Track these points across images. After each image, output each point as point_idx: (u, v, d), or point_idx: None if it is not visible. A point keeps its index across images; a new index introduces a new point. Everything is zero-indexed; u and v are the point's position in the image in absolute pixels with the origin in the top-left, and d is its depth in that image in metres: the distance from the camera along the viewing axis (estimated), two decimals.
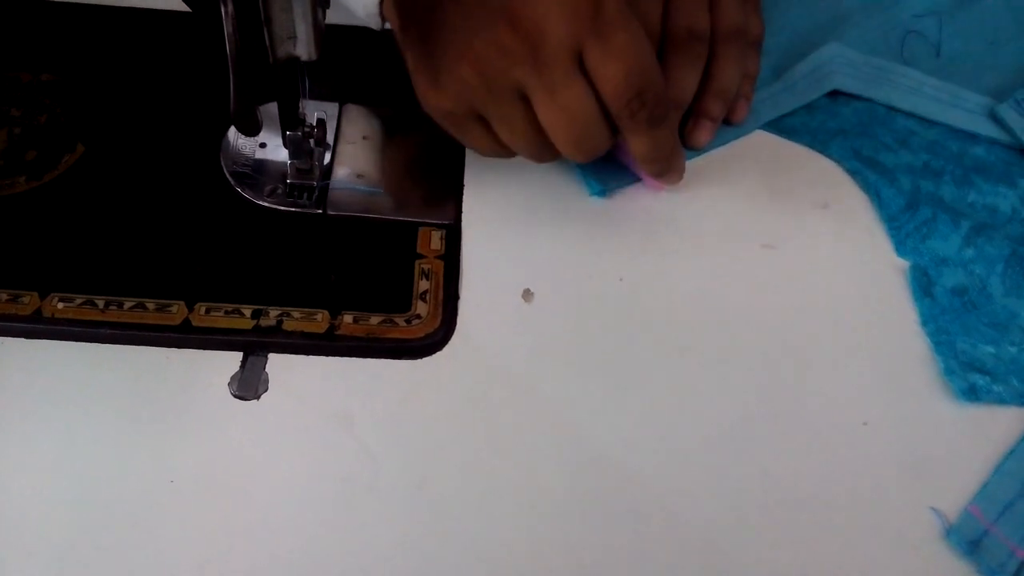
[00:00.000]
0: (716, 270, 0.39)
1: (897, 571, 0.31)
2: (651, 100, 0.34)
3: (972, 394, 0.36)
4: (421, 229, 0.39)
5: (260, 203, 0.39)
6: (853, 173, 0.44)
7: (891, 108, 0.47)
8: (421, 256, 0.38)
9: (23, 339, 0.33)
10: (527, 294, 0.38)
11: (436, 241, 0.39)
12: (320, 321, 0.35)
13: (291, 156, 0.39)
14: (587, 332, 0.37)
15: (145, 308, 0.34)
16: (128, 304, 0.34)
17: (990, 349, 0.38)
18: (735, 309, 0.38)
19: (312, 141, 0.39)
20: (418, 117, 0.44)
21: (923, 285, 0.40)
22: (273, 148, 0.40)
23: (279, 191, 0.39)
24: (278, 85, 0.36)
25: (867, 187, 0.44)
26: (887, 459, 0.34)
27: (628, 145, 0.37)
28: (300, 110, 0.37)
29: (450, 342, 0.36)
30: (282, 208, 0.39)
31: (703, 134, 0.43)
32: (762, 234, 0.41)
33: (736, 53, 0.43)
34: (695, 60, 0.41)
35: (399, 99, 0.44)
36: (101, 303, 0.34)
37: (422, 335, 0.35)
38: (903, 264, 0.41)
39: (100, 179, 0.39)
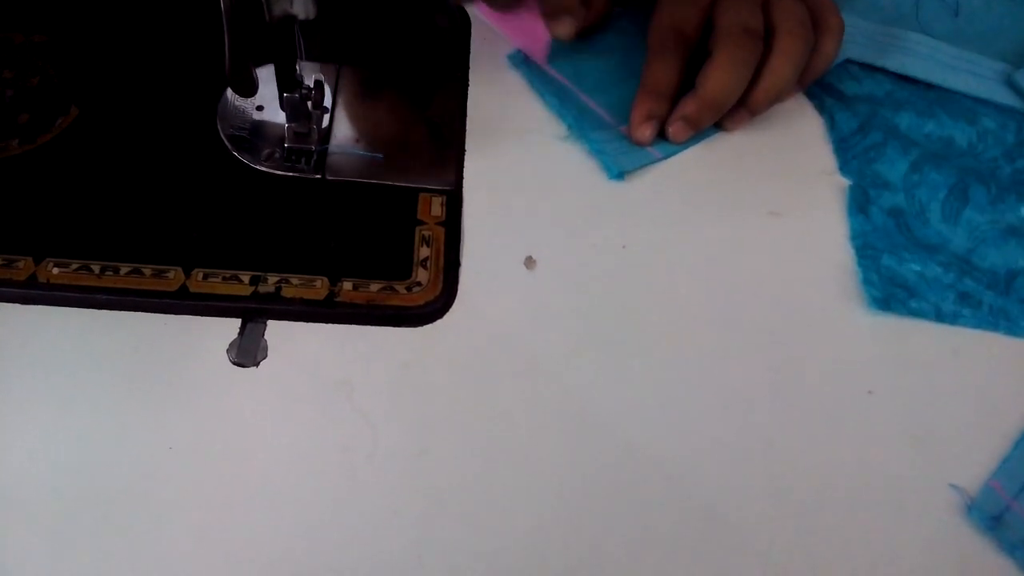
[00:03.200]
0: (721, 237, 0.39)
1: (910, 545, 0.31)
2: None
3: (884, 305, 0.36)
4: (422, 195, 0.39)
5: (257, 167, 0.38)
6: (809, 96, 0.45)
7: (904, 77, 0.46)
8: (421, 222, 0.38)
9: (18, 304, 0.33)
10: (529, 261, 0.37)
11: (437, 207, 0.38)
12: (319, 288, 0.35)
13: (289, 119, 0.38)
14: (589, 300, 0.36)
15: (142, 274, 0.34)
16: (124, 270, 0.34)
17: (915, 267, 0.38)
18: (740, 276, 0.38)
19: (310, 104, 0.38)
20: (419, 79, 0.43)
21: (859, 203, 0.40)
22: (270, 111, 0.40)
23: (277, 155, 0.39)
24: (274, 45, 0.35)
25: (822, 110, 0.44)
26: (895, 431, 0.34)
27: None
28: (297, 71, 0.36)
29: (451, 310, 0.35)
30: (280, 173, 0.38)
31: (679, 133, 0.42)
32: (768, 202, 0.40)
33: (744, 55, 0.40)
34: (744, 57, 0.40)
35: (399, 61, 0.44)
36: (97, 268, 0.34)
37: (422, 302, 0.35)
38: None
39: (94, 142, 0.38)
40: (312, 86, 0.38)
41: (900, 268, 0.38)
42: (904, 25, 0.48)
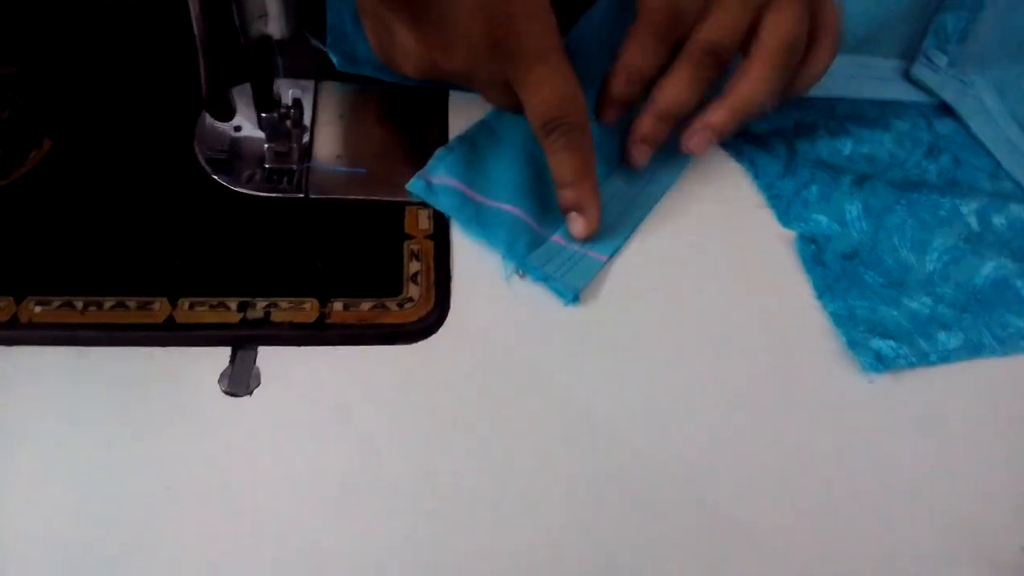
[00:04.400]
0: (713, 240, 0.39)
1: (922, 541, 0.31)
2: (567, 125, 0.35)
3: (879, 363, 0.35)
4: (408, 208, 0.38)
5: (238, 190, 0.37)
6: (725, 146, 0.43)
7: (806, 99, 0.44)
8: (410, 236, 0.37)
9: (1, 347, 0.32)
10: (519, 272, 0.37)
11: (424, 220, 0.38)
12: (309, 310, 0.34)
13: (268, 139, 0.37)
14: (584, 305, 0.36)
15: (126, 307, 0.33)
16: (108, 304, 0.33)
17: (891, 311, 0.37)
18: (731, 277, 0.38)
19: (289, 122, 0.38)
20: (399, 90, 0.42)
21: (812, 254, 0.39)
22: (249, 131, 0.39)
23: (257, 176, 0.38)
24: (251, 66, 0.34)
25: (740, 157, 0.42)
26: (902, 423, 0.34)
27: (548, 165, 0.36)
28: (275, 90, 0.35)
29: (445, 323, 0.35)
30: (262, 194, 0.37)
31: (638, 155, 0.40)
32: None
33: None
34: (696, 75, 0.38)
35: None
36: (80, 304, 0.33)
37: (415, 318, 0.34)
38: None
39: (70, 174, 0.37)
40: (291, 104, 0.37)
41: (876, 316, 0.37)
42: None
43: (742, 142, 0.43)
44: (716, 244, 0.39)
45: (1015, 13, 0.48)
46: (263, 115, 0.36)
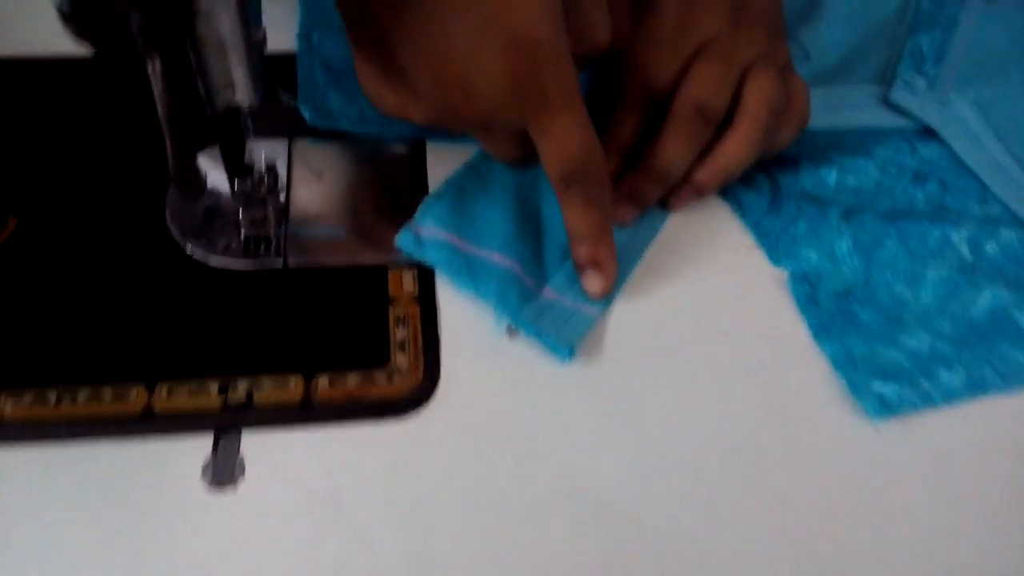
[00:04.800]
0: (706, 285, 0.38)
1: None
2: (588, 178, 0.34)
3: (883, 408, 0.34)
4: (392, 271, 0.37)
5: (214, 264, 0.36)
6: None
7: None
8: (394, 301, 0.36)
9: None
10: (511, 330, 0.35)
11: (409, 282, 0.37)
12: (293, 389, 0.33)
13: (243, 207, 0.36)
14: (578, 363, 0.35)
15: (101, 399, 0.31)
16: (82, 395, 0.31)
17: (890, 350, 0.36)
18: (727, 323, 0.37)
19: (264, 187, 0.36)
20: (375, 145, 0.41)
21: (806, 294, 0.38)
22: (222, 199, 0.38)
23: (234, 245, 0.36)
24: (220, 134, 0.33)
25: (725, 194, 0.42)
26: (910, 470, 0.33)
27: (563, 218, 0.35)
28: (247, 155, 0.34)
29: (436, 393, 0.33)
30: (239, 267, 0.36)
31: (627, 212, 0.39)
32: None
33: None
34: (693, 137, 0.38)
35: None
36: (52, 397, 0.31)
37: (405, 391, 0.33)
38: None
39: (37, 255, 0.36)
40: (264, 170, 0.36)
41: (875, 357, 0.36)
42: None
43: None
44: (709, 289, 0.38)
45: (990, 27, 0.48)
46: (236, 184, 0.34)
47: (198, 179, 0.32)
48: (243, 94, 0.31)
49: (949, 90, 0.47)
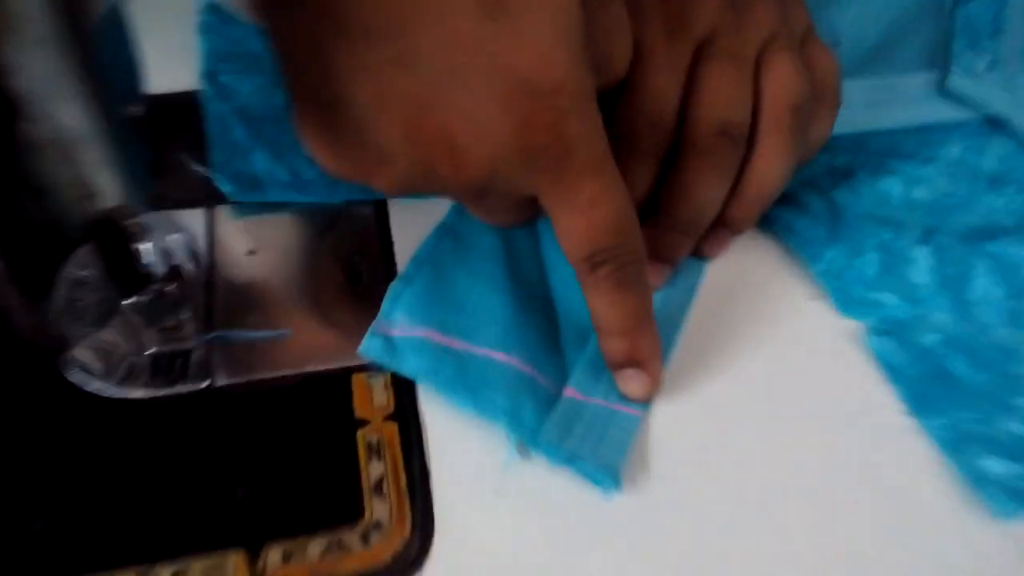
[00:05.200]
0: (764, 358, 0.29)
1: None
2: (623, 257, 0.25)
3: (1011, 502, 0.26)
4: (356, 376, 0.28)
5: (117, 397, 0.27)
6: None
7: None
8: (363, 422, 0.27)
9: None
10: (522, 447, 0.27)
11: (380, 394, 0.28)
12: (235, 572, 0.23)
13: (147, 322, 0.27)
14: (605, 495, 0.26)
15: None
16: None
17: (1006, 420, 0.28)
18: (799, 408, 0.28)
19: (176, 288, 0.27)
20: (321, 207, 0.32)
21: (892, 356, 0.29)
22: (119, 315, 0.28)
23: (138, 368, 0.27)
24: (96, 248, 0.23)
25: (772, 226, 0.33)
26: None
27: (589, 307, 0.26)
28: (139, 263, 0.25)
29: (431, 551, 0.24)
30: (150, 396, 0.27)
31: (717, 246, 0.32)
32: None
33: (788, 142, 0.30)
34: (721, 168, 0.29)
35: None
36: None
37: (389, 556, 0.24)
38: None
39: None
40: (167, 272, 0.26)
41: (988, 430, 0.27)
42: None
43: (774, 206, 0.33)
44: (768, 363, 0.29)
45: None
46: (132, 301, 0.25)
47: (57, 336, 0.22)
48: (113, 197, 0.21)
49: (1015, 69, 0.39)
